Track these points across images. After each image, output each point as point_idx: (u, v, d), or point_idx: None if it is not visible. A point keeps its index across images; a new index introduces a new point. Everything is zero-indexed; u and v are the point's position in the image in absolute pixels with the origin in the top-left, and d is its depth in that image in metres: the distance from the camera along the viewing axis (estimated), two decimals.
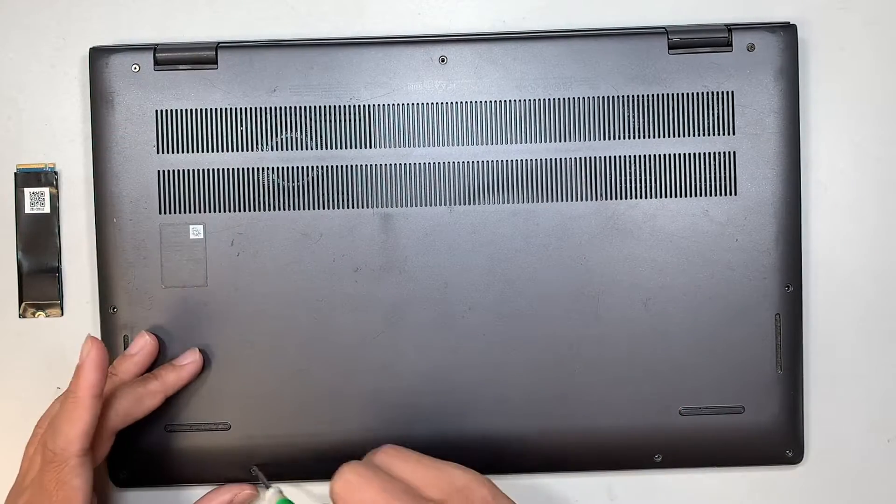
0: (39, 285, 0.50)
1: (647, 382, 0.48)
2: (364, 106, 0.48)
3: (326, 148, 0.48)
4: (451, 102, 0.48)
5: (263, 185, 0.48)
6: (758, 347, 0.48)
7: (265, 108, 0.47)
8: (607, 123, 0.48)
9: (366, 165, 0.48)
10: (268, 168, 0.48)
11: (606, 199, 0.48)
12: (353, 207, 0.48)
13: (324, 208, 0.48)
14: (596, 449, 0.48)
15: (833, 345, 0.50)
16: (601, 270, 0.48)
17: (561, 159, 0.48)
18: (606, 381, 0.48)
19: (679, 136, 0.48)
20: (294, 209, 0.48)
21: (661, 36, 0.48)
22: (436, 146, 0.48)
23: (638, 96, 0.47)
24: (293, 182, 0.48)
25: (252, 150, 0.48)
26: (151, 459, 0.48)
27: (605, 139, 0.48)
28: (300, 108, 0.47)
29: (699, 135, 0.48)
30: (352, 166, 0.48)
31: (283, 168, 0.48)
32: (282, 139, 0.48)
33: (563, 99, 0.48)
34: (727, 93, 0.48)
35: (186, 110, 0.47)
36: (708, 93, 0.48)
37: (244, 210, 0.48)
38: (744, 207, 0.48)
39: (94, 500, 0.44)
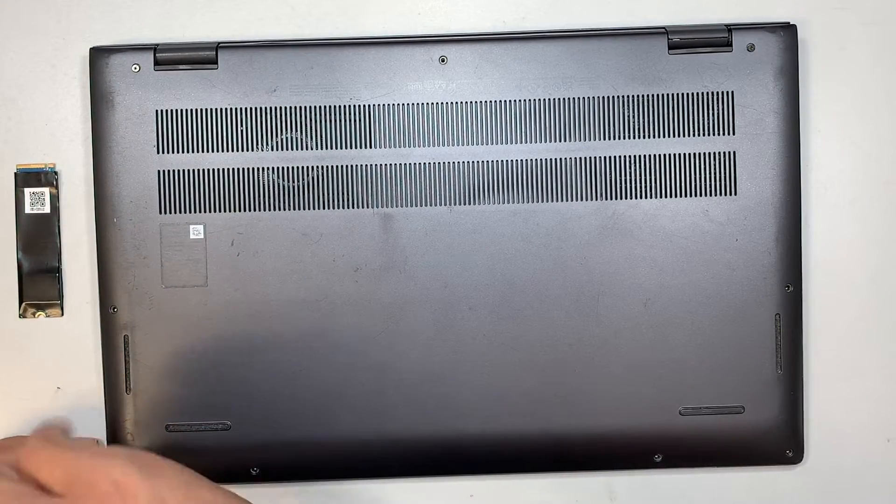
0: (39, 285, 0.50)
1: (647, 382, 0.48)
2: (364, 106, 0.48)
3: (326, 148, 0.48)
4: (451, 102, 0.48)
5: (263, 185, 0.48)
6: (758, 347, 0.48)
7: (265, 108, 0.47)
8: (607, 123, 0.48)
9: (366, 165, 0.48)
10: (268, 168, 0.48)
11: (606, 199, 0.48)
12: (353, 207, 0.48)
13: (324, 208, 0.48)
14: (596, 449, 0.48)
15: (833, 345, 0.50)
16: (601, 270, 0.48)
17: (561, 159, 0.48)
18: (606, 381, 0.48)
19: (679, 136, 0.48)
20: (294, 209, 0.48)
21: (661, 36, 0.48)
22: (436, 146, 0.48)
23: (638, 96, 0.47)
24: (293, 182, 0.48)
25: (252, 150, 0.48)
26: None
27: (605, 139, 0.48)
28: (300, 108, 0.47)
29: (699, 135, 0.48)
30: (352, 166, 0.48)
31: (283, 168, 0.48)
32: (282, 139, 0.48)
33: (563, 99, 0.48)
34: (727, 93, 0.48)
35: (186, 110, 0.47)
36: (708, 93, 0.48)
37: (244, 210, 0.48)
38: (744, 207, 0.48)
39: None
